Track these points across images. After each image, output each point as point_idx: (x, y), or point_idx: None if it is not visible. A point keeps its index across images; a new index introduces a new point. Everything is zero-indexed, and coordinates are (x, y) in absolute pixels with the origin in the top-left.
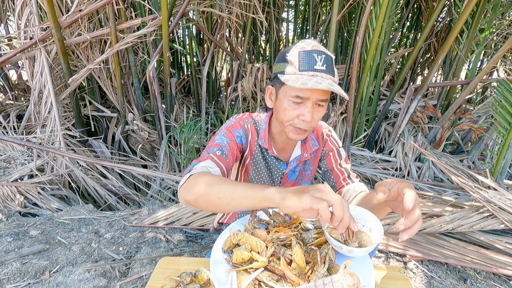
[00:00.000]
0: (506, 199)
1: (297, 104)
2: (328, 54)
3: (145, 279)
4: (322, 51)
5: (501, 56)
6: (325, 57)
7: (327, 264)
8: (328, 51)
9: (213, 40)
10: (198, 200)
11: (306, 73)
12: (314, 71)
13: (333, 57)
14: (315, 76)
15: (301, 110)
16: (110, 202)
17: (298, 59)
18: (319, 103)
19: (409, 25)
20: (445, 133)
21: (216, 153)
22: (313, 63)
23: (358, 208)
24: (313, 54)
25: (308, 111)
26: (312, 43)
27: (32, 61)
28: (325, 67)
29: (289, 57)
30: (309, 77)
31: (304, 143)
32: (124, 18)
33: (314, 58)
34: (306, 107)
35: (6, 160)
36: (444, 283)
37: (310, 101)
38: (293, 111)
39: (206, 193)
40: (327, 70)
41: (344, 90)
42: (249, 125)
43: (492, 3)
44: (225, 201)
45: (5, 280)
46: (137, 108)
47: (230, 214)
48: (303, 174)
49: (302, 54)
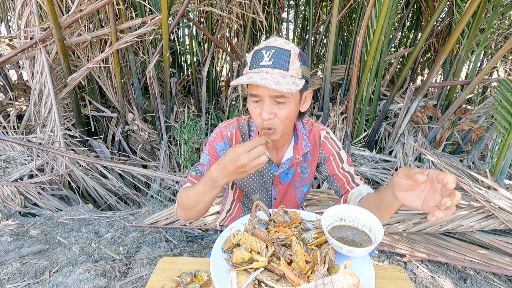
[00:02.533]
0: (506, 199)
1: (256, 103)
2: (284, 48)
3: (145, 279)
4: (273, 46)
5: (501, 56)
6: (274, 52)
7: (327, 264)
8: (290, 44)
9: (213, 40)
10: (189, 215)
11: (253, 70)
12: (260, 67)
13: (293, 50)
14: (260, 73)
15: (260, 109)
16: (110, 202)
17: (251, 58)
18: (277, 100)
19: (409, 25)
20: (445, 133)
21: (191, 174)
22: (260, 59)
23: (358, 208)
24: (262, 51)
25: (264, 109)
26: (269, 41)
27: (32, 61)
28: (272, 62)
29: (247, 58)
30: (254, 74)
31: (296, 144)
32: (125, 18)
33: (262, 54)
34: (263, 104)
35: (6, 160)
36: (444, 283)
37: (265, 98)
38: (254, 110)
39: (187, 208)
40: (274, 65)
41: (344, 90)
42: (233, 131)
43: (492, 3)
44: (201, 205)
45: (5, 280)
46: (137, 108)
47: (231, 217)
48: (301, 177)
49: (254, 53)
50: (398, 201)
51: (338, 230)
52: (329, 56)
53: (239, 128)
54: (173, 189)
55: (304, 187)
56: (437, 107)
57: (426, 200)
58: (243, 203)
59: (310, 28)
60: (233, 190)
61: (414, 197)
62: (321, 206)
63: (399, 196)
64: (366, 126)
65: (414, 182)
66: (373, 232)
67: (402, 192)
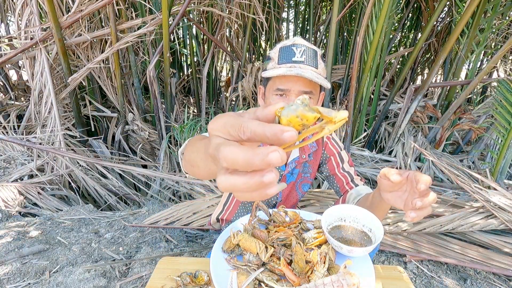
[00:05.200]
0: (506, 199)
1: (280, 97)
2: (311, 47)
3: (145, 279)
4: (302, 44)
5: (501, 56)
6: (305, 49)
7: (327, 264)
8: (313, 45)
9: (213, 40)
10: (190, 170)
11: (284, 65)
12: (292, 62)
13: (318, 51)
14: (293, 68)
15: (284, 103)
16: (110, 202)
17: (277, 54)
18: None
19: (409, 25)
20: (445, 133)
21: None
22: (292, 55)
23: (358, 208)
24: (292, 47)
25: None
26: (294, 39)
27: (33, 61)
28: (304, 58)
29: (271, 54)
30: (287, 69)
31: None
32: (125, 18)
33: (292, 50)
34: (288, 99)
35: (6, 160)
36: (444, 283)
37: (292, 93)
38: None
39: (187, 163)
40: (306, 62)
41: (344, 90)
42: None
43: (492, 3)
44: (197, 167)
45: (5, 280)
46: (137, 108)
47: (229, 210)
48: (302, 177)
49: (282, 49)
50: (385, 202)
51: (338, 230)
52: (329, 56)
53: None
54: (173, 189)
55: (305, 186)
56: (437, 107)
57: (407, 201)
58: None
59: (310, 28)
60: None
61: (396, 197)
62: (321, 206)
63: (384, 196)
64: (366, 126)
65: (395, 183)
66: (373, 232)
67: (386, 192)
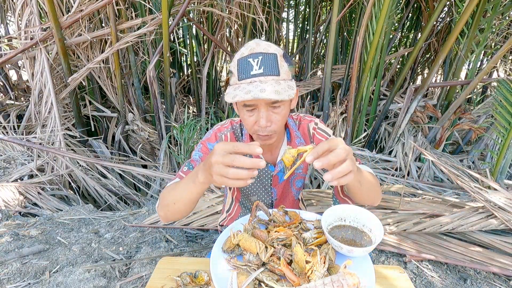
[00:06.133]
0: (506, 199)
1: (250, 111)
2: (269, 53)
3: (145, 279)
4: (258, 52)
5: (501, 56)
6: (261, 58)
7: (327, 264)
8: (272, 47)
9: (213, 40)
10: (165, 213)
11: (244, 81)
12: (251, 77)
13: (278, 52)
14: (253, 83)
15: (256, 116)
16: (110, 202)
17: (237, 68)
18: (273, 105)
19: (409, 25)
20: (445, 133)
21: (183, 170)
22: (250, 68)
23: (358, 208)
24: (249, 59)
25: (262, 117)
26: (250, 47)
27: (33, 61)
28: (263, 69)
29: (231, 67)
30: (246, 85)
31: (289, 141)
32: (125, 18)
33: (249, 63)
34: (260, 111)
35: (6, 160)
36: (444, 283)
37: (261, 106)
38: (249, 119)
39: (166, 205)
40: (265, 72)
41: (344, 90)
42: (228, 134)
43: (492, 3)
44: (179, 204)
45: (5, 280)
46: (137, 108)
47: (231, 216)
48: (295, 173)
49: (240, 61)
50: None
51: (338, 230)
52: (329, 56)
53: (233, 131)
54: None
55: (299, 182)
56: (437, 107)
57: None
58: (242, 204)
59: (310, 28)
60: (231, 190)
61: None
62: (321, 206)
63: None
64: (366, 126)
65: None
66: (373, 232)
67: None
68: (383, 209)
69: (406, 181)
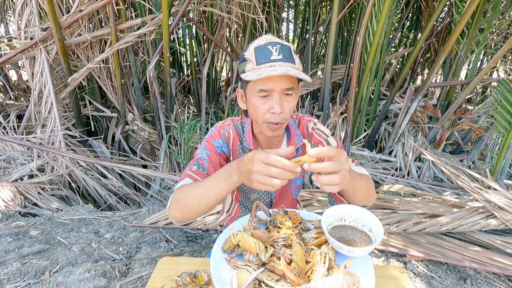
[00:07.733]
0: (506, 199)
1: (264, 98)
2: (284, 44)
3: (145, 279)
4: (277, 42)
5: (501, 56)
6: (280, 47)
7: (327, 264)
8: (285, 42)
9: (213, 40)
10: (184, 213)
11: (263, 65)
12: (271, 61)
13: (291, 46)
14: (272, 66)
15: (270, 103)
16: (110, 202)
17: (254, 54)
18: (286, 93)
19: (409, 25)
20: (445, 133)
21: (192, 169)
22: (269, 54)
23: (358, 208)
24: (268, 46)
25: (276, 103)
26: (266, 38)
27: (33, 61)
28: (282, 55)
29: (246, 55)
30: (266, 68)
31: (289, 139)
32: (125, 18)
33: (269, 50)
34: (273, 99)
35: (6, 160)
36: (444, 283)
37: (276, 92)
38: (262, 106)
39: (187, 205)
40: (284, 59)
41: (344, 90)
42: (230, 131)
43: (492, 3)
44: (205, 203)
45: (5, 280)
46: (137, 108)
47: (230, 216)
48: None
49: (257, 49)
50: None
51: (338, 230)
52: (329, 56)
53: (235, 128)
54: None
55: (298, 180)
56: (437, 107)
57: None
58: (242, 203)
59: (310, 28)
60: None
61: None
62: (321, 206)
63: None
64: (366, 126)
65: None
66: (373, 232)
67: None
68: (383, 209)
69: (406, 181)
